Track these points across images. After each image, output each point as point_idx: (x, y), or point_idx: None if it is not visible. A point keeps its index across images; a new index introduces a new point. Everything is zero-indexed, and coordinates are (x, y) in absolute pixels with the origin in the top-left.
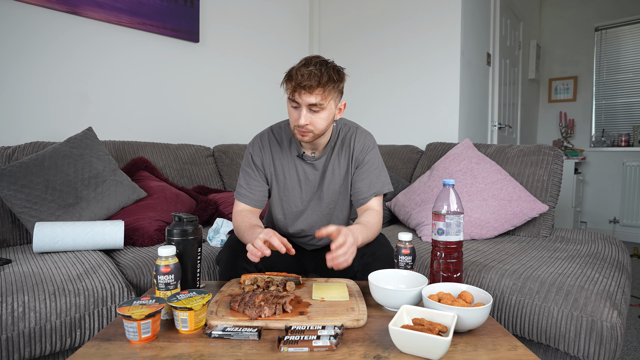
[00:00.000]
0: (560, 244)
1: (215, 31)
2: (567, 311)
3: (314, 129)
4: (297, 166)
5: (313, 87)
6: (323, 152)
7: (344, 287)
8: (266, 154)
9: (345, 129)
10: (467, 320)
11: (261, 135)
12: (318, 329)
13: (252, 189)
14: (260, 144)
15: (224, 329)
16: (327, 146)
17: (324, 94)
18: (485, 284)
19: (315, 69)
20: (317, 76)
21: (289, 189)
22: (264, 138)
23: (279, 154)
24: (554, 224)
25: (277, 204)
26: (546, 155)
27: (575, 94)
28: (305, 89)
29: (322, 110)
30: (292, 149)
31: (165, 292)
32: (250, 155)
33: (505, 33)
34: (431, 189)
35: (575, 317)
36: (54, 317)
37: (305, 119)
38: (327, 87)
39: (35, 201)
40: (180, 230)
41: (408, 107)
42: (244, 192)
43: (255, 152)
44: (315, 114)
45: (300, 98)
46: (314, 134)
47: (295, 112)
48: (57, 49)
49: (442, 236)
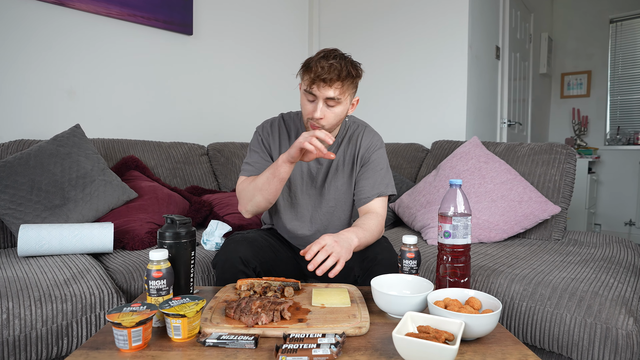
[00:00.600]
0: (573, 247)
1: (209, 23)
2: (580, 318)
3: (326, 124)
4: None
5: (333, 81)
6: (329, 148)
7: (345, 292)
8: (274, 139)
9: (353, 127)
10: (475, 328)
11: (272, 121)
12: (318, 337)
13: (259, 162)
14: (269, 129)
15: (218, 337)
16: (334, 142)
17: (342, 89)
18: (494, 290)
19: (335, 62)
20: (338, 70)
21: (291, 182)
22: (274, 124)
23: (286, 143)
24: (567, 226)
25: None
26: (558, 153)
27: (589, 89)
28: (326, 81)
29: (338, 104)
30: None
31: (157, 298)
32: (260, 137)
33: (515, 25)
34: (437, 189)
35: (589, 324)
36: (40, 325)
37: (320, 112)
38: (346, 82)
39: (20, 202)
40: (173, 233)
41: (413, 103)
42: (251, 168)
43: (264, 135)
44: (331, 109)
45: (318, 91)
46: (326, 128)
47: (311, 104)
48: (43, 42)
49: (449, 239)
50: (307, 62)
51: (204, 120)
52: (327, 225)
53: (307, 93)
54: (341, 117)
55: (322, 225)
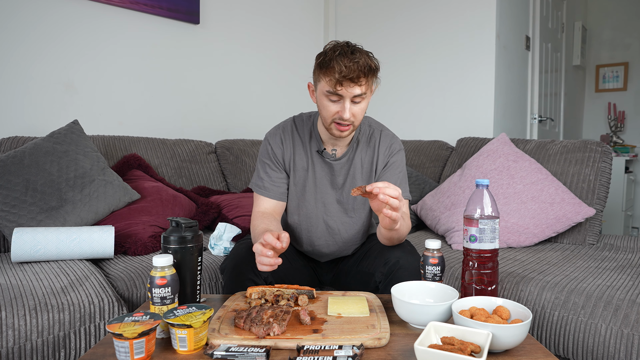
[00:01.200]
0: (609, 252)
1: (217, 11)
2: (616, 328)
3: (355, 121)
4: (316, 164)
5: (360, 78)
6: (345, 151)
7: (364, 301)
8: (287, 148)
9: (369, 130)
10: (504, 339)
11: (283, 126)
12: (334, 349)
13: (274, 180)
14: (282, 136)
15: (227, 348)
16: (349, 144)
17: (367, 84)
18: (524, 298)
19: (358, 58)
20: (362, 66)
21: (306, 189)
22: (287, 129)
23: (300, 149)
24: (602, 230)
25: (292, 204)
26: (593, 151)
27: (626, 82)
28: (353, 80)
29: (363, 100)
30: (312, 144)
31: (161, 307)
32: (270, 147)
33: (546, 13)
34: (462, 190)
35: (625, 335)
36: (35, 336)
37: (349, 112)
38: (370, 77)
39: (13, 204)
40: (178, 237)
41: (436, 98)
42: (267, 185)
43: (275, 143)
44: (356, 105)
45: (345, 90)
46: (354, 126)
47: (335, 105)
48: (39, 32)
49: (475, 244)
50: (324, 62)
51: (212, 115)
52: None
53: (331, 94)
54: (365, 111)
55: (338, 234)
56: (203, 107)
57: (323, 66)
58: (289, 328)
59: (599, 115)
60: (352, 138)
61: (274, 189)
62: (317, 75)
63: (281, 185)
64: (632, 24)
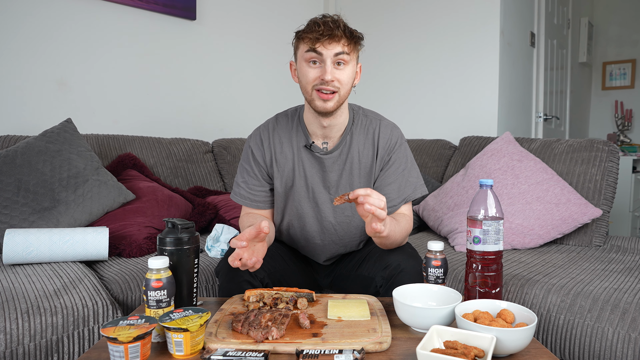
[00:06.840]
0: (616, 254)
1: (215, 7)
2: (624, 332)
3: (340, 87)
4: (305, 160)
5: (340, 37)
6: (337, 144)
7: (365, 304)
8: (268, 148)
9: (365, 120)
10: (508, 343)
11: (264, 126)
12: (334, 354)
13: (251, 188)
14: (261, 136)
15: (224, 353)
16: (342, 135)
17: (349, 46)
18: (529, 301)
19: (337, 20)
20: (342, 24)
21: (295, 189)
22: (267, 128)
23: (285, 147)
24: (609, 231)
25: (282, 207)
26: (600, 151)
27: (634, 80)
28: (332, 37)
29: (346, 65)
30: (299, 139)
31: (156, 311)
32: (250, 149)
33: (552, 9)
34: (466, 190)
35: (633, 339)
36: (27, 340)
37: (331, 73)
38: (352, 40)
39: (5, 205)
40: (174, 239)
41: (439, 95)
42: (244, 193)
43: (255, 145)
44: (340, 70)
45: (324, 48)
46: (339, 95)
47: (315, 69)
48: (31, 28)
49: (479, 245)
50: (302, 29)
51: (209, 114)
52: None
53: (311, 52)
54: (351, 83)
55: (335, 237)
56: (200, 105)
57: (301, 31)
58: (288, 332)
59: (605, 113)
60: (345, 128)
61: (250, 197)
62: (296, 45)
63: (258, 194)
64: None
